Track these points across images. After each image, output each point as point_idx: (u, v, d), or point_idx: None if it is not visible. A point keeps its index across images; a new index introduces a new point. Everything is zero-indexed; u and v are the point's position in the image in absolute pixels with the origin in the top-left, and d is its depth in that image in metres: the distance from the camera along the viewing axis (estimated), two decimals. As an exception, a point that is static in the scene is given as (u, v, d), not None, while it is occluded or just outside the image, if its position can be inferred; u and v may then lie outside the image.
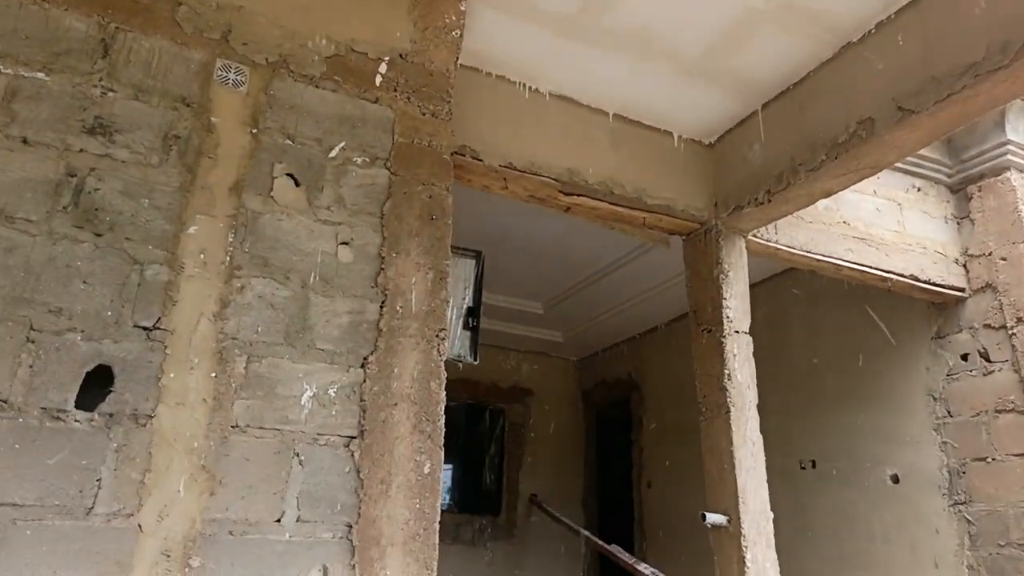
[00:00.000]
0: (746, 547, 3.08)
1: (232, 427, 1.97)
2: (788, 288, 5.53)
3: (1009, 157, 4.06)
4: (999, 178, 4.10)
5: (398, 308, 2.28)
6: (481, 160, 3.05)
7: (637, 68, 3.25)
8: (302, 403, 2.06)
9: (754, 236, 3.68)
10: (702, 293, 3.57)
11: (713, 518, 3.16)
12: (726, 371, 3.33)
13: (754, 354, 3.48)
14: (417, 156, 2.49)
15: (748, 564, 3.06)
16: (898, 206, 4.20)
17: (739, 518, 3.12)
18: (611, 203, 3.39)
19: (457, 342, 3.34)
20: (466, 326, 3.36)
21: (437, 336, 2.31)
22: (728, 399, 3.29)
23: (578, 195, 3.32)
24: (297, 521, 1.97)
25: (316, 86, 2.41)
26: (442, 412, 2.25)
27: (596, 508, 7.74)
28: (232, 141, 2.22)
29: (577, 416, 8.01)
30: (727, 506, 3.19)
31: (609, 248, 5.60)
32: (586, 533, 6.37)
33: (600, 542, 6.15)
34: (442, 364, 2.29)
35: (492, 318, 7.08)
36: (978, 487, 3.90)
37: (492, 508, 7.39)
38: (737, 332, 3.43)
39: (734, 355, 3.37)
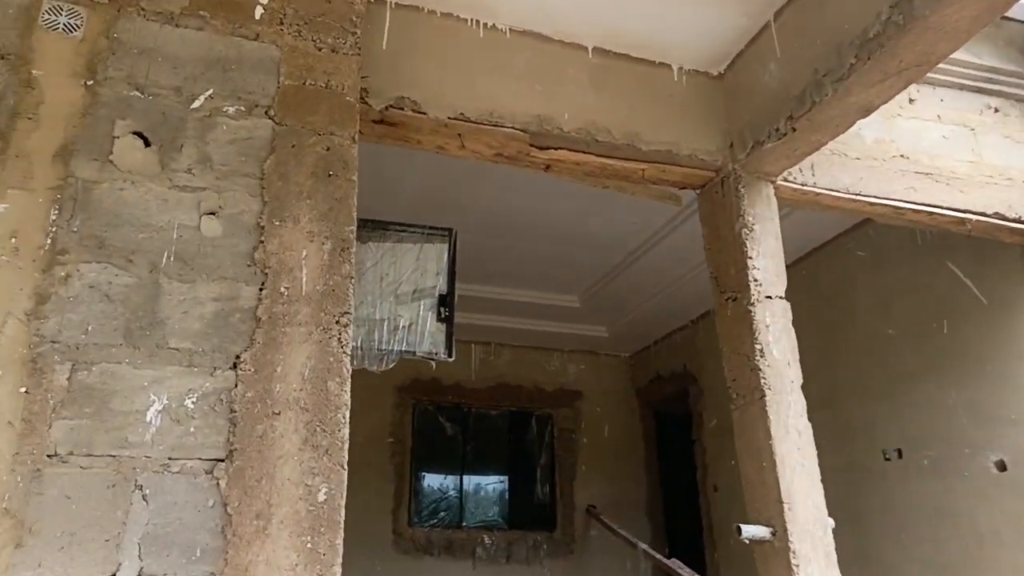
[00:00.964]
0: (797, 565, 2.40)
1: (49, 456, 1.50)
2: (851, 252, 4.74)
3: (1113, 56, 3.24)
4: (1102, 83, 3.27)
5: (282, 290, 1.77)
6: (424, 113, 2.52)
7: (616, -14, 2.66)
8: (147, 419, 1.57)
9: (785, 181, 3.00)
10: (723, 254, 2.92)
11: (752, 531, 2.50)
12: (757, 346, 2.67)
13: (816, 330, 2.81)
14: (311, 100, 1.99)
15: (802, 587, 2.39)
16: (971, 132, 3.41)
17: (786, 529, 2.44)
18: (597, 155, 2.79)
19: (428, 337, 2.81)
20: (439, 317, 2.83)
21: (338, 322, 1.78)
22: (762, 381, 2.62)
23: (555, 148, 2.74)
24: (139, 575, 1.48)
25: (176, 25, 1.94)
26: (345, 419, 1.72)
27: (662, 517, 7.03)
28: (60, 97, 1.77)
29: (632, 417, 7.33)
30: (770, 514, 2.52)
31: (640, 224, 4.96)
32: (643, 546, 5.70)
33: (658, 556, 5.48)
34: (345, 358, 1.77)
35: (526, 316, 6.54)
36: (1109, 469, 3.08)
37: (547, 523, 6.79)
38: (769, 298, 2.76)
39: (766, 326, 2.71)
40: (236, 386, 1.66)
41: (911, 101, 3.39)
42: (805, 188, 3.03)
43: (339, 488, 1.65)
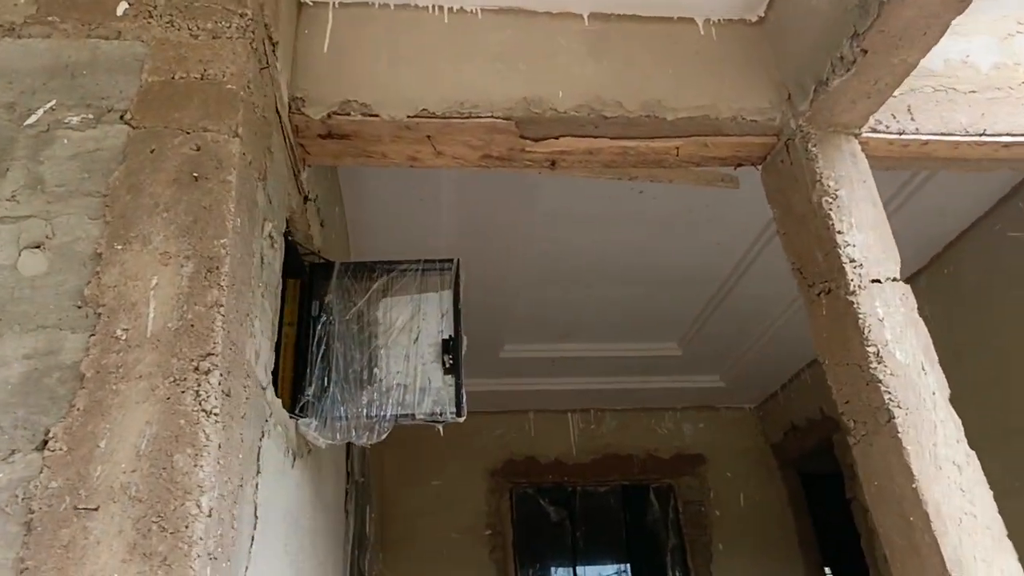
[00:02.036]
0: None
1: None
2: (1000, 235, 3.75)
3: None
4: None
5: (119, 333, 1.28)
6: (376, 115, 2.04)
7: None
8: None
9: (874, 132, 2.26)
10: (802, 236, 2.18)
11: (907, 626, 1.65)
12: (870, 349, 1.88)
13: (967, 346, 2.03)
14: (180, 95, 1.55)
15: None
16: None
17: (962, 620, 1.59)
18: (612, 137, 2.19)
19: (431, 395, 2.23)
20: (444, 368, 2.25)
21: (196, 369, 1.26)
22: (887, 397, 1.82)
23: (554, 136, 2.17)
24: None
25: (17, 36, 1.59)
26: (201, 508, 1.16)
27: (827, 598, 5.81)
28: None
29: (772, 480, 6.24)
30: (934, 596, 1.67)
31: (726, 244, 4.22)
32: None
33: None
34: (205, 419, 1.22)
35: (624, 374, 5.78)
36: None
37: (686, 618, 5.77)
38: (877, 282, 1.98)
39: (879, 319, 1.92)
40: (41, 473, 1.16)
41: (1035, 13, 2.58)
42: (905, 138, 2.27)
43: (185, 618, 1.07)
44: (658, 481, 6.13)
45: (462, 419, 2.18)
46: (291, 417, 2.07)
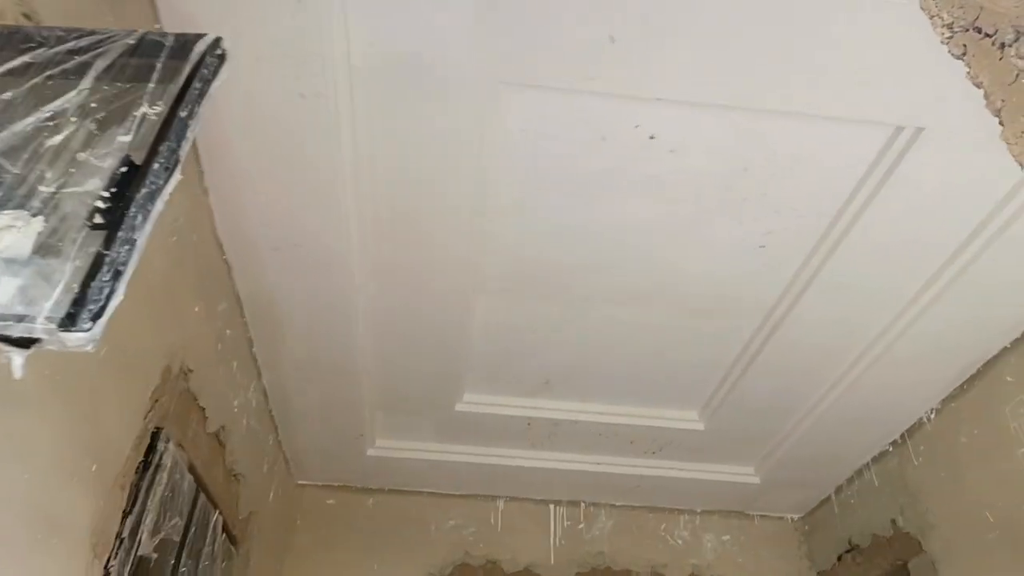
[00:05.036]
0: None
1: None
2: None
3: None
4: None
5: None
6: None
7: None
8: None
9: None
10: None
11: None
12: None
13: None
14: None
15: None
16: None
17: None
18: None
19: (22, 273, 0.87)
20: (91, 222, 0.90)
21: None
22: None
23: None
24: None
25: None
26: None
27: None
28: None
29: (822, 620, 4.53)
30: None
31: (769, 260, 2.85)
32: None
33: None
34: None
35: (626, 454, 4.29)
36: None
37: None
38: None
39: None
40: None
41: None
42: None
43: None
44: (663, 614, 4.46)
45: (83, 338, 0.81)
46: None
